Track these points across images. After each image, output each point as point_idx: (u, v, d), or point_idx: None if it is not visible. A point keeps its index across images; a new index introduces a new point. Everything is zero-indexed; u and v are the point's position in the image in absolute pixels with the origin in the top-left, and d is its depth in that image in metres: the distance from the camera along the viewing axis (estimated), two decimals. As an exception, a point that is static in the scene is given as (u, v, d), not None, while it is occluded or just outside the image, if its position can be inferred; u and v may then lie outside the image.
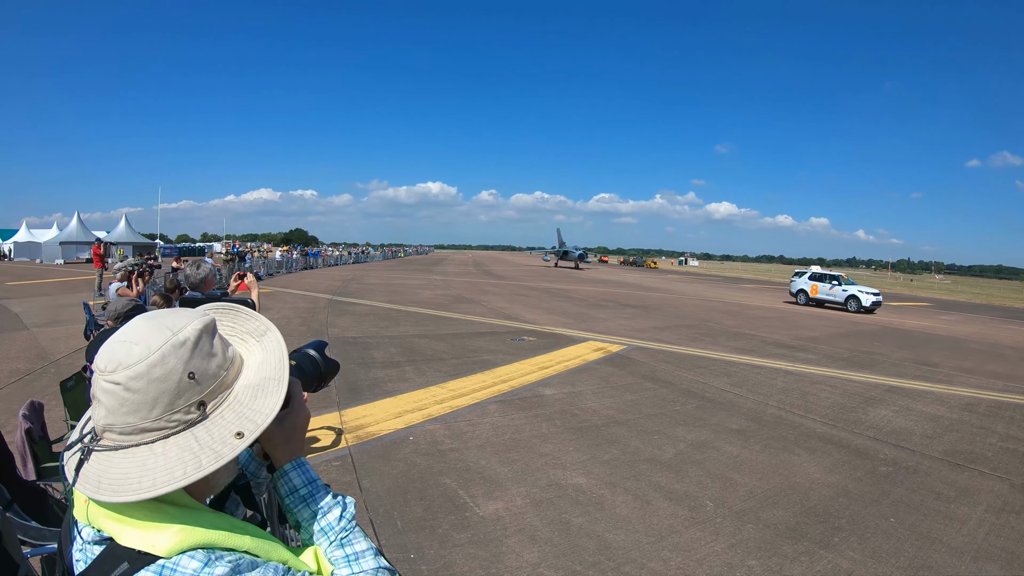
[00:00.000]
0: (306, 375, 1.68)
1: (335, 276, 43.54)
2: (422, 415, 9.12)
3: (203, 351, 1.24)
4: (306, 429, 1.57)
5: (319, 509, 1.45)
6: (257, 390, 1.33)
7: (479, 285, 39.63)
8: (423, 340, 15.73)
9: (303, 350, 1.75)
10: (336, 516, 1.44)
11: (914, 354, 19.82)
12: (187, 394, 1.20)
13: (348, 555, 1.40)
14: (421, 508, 6.05)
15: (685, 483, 7.22)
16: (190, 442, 1.19)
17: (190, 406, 1.21)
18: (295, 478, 1.47)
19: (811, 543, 5.91)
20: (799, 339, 21.36)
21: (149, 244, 67.28)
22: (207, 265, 5.88)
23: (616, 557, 5.35)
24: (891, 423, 10.59)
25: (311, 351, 1.75)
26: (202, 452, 1.18)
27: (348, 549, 1.41)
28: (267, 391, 1.34)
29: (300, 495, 1.46)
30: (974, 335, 28.24)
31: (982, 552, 6.02)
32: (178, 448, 1.18)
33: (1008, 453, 9.39)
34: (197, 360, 1.22)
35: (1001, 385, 15.41)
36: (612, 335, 18.86)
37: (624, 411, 10.12)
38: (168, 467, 1.15)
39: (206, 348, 1.25)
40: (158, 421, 1.18)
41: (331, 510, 1.45)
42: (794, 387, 13.05)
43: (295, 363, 1.66)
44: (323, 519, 1.44)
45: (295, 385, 1.55)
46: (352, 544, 1.42)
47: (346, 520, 1.45)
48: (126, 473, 1.14)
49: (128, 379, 1.15)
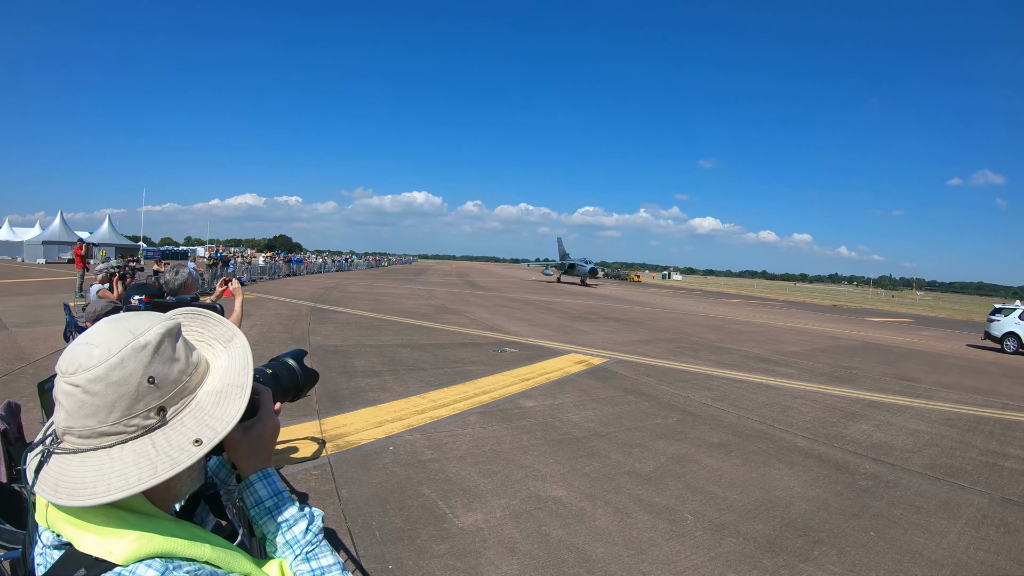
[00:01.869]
0: (282, 384, 1.67)
1: (318, 284, 43.36)
2: (402, 425, 9.08)
3: (164, 355, 1.23)
4: (275, 439, 1.55)
5: (284, 522, 1.43)
6: (220, 396, 1.32)
7: (462, 296, 39.58)
8: (405, 350, 15.67)
9: (281, 358, 1.75)
10: (302, 529, 1.43)
11: (894, 369, 19.98)
12: (146, 399, 1.19)
13: (313, 569, 1.39)
14: (400, 518, 6.01)
15: (665, 496, 7.21)
16: (147, 448, 1.18)
17: (149, 411, 1.20)
18: (260, 489, 1.45)
19: (791, 556, 5.91)
20: (780, 354, 21.46)
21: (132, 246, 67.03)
22: (187, 270, 5.83)
23: (596, 570, 5.33)
24: (871, 437, 10.64)
25: (289, 360, 1.74)
26: (159, 458, 1.17)
27: (314, 563, 1.40)
28: (230, 398, 1.32)
29: (265, 507, 1.44)
30: (954, 351, 28.50)
31: (962, 565, 6.05)
32: (135, 454, 1.17)
33: (987, 467, 9.47)
34: (158, 364, 1.21)
35: (981, 400, 15.58)
36: (594, 348, 18.88)
37: (605, 424, 10.11)
38: (123, 472, 1.14)
39: (168, 353, 1.24)
40: (116, 425, 1.17)
41: (297, 523, 1.43)
42: (775, 401, 13.09)
43: (271, 371, 1.66)
44: (288, 532, 1.42)
45: (264, 394, 1.54)
46: (318, 558, 1.41)
47: (312, 534, 1.43)
48: (82, 477, 1.13)
49: (87, 381, 1.14)
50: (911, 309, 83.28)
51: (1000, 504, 7.95)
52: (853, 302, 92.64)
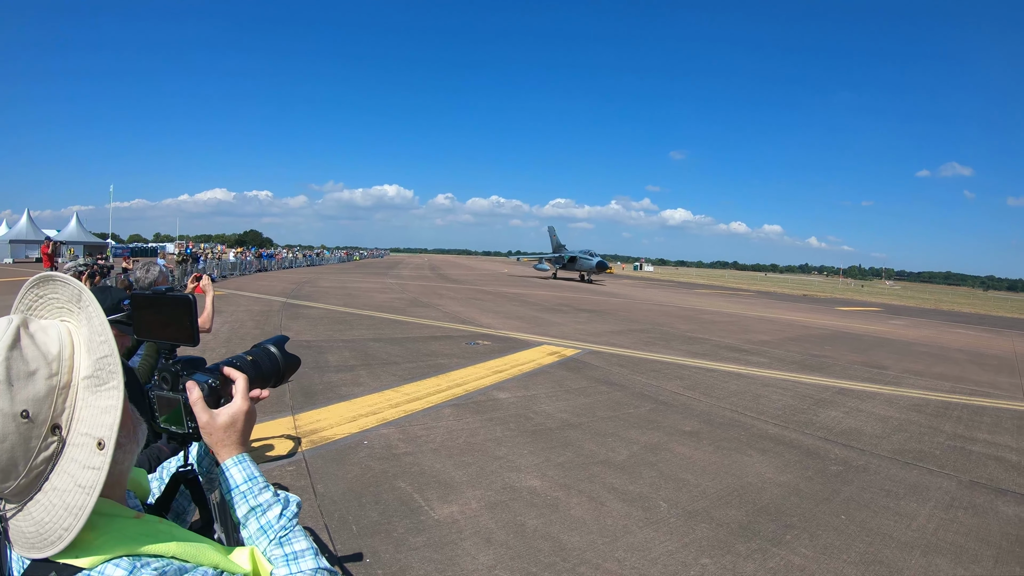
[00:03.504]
0: (263, 371, 1.69)
1: (289, 279, 43.04)
2: (376, 419, 9.07)
3: (20, 377, 1.12)
4: (251, 425, 1.56)
5: (258, 507, 1.44)
6: (96, 380, 1.20)
7: (434, 289, 39.51)
8: (378, 344, 15.64)
9: (263, 345, 1.77)
10: (276, 514, 1.44)
11: (864, 357, 20.23)
12: (33, 434, 1.11)
13: (287, 554, 1.40)
14: (376, 512, 6.02)
15: (639, 484, 7.27)
16: (64, 477, 1.14)
17: (45, 441, 1.13)
18: (236, 474, 1.47)
19: (763, 541, 6.00)
20: (751, 343, 21.66)
21: (100, 244, 66.07)
22: (158, 267, 5.77)
23: (571, 558, 5.38)
24: (841, 424, 10.79)
25: (270, 347, 1.77)
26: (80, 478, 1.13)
27: (287, 548, 1.41)
28: (104, 377, 1.21)
29: (240, 491, 1.45)
30: (923, 339, 28.90)
31: (932, 547, 6.18)
32: (58, 491, 1.13)
33: (956, 451, 9.65)
34: (22, 394, 1.11)
35: (948, 386, 15.83)
36: (567, 339, 18.95)
37: (578, 414, 10.17)
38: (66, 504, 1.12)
39: (21, 370, 1.12)
40: (29, 473, 1.12)
41: (271, 508, 1.45)
42: (746, 390, 13.23)
43: (251, 359, 1.68)
44: (262, 517, 1.43)
45: (240, 380, 1.57)
46: (292, 543, 1.42)
47: (286, 519, 1.45)
48: (39, 529, 1.12)
49: None
50: (880, 298, 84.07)
51: (968, 487, 8.10)
52: (823, 292, 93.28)
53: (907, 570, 5.67)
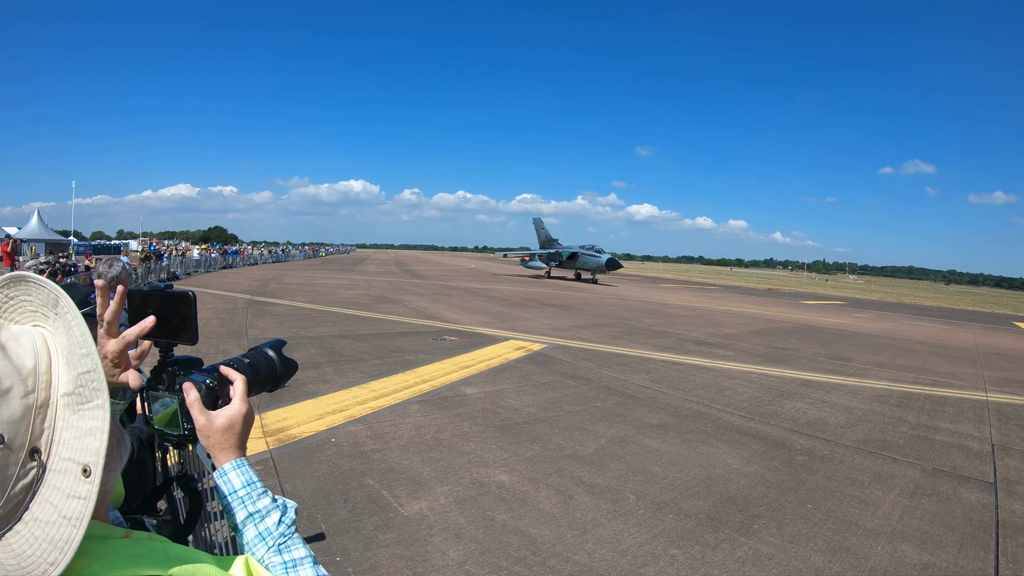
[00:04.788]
0: (260, 374, 1.66)
1: (254, 276, 42.58)
2: (344, 416, 9.01)
3: None
4: (248, 428, 1.53)
5: (257, 512, 1.41)
6: (77, 398, 1.07)
7: (401, 285, 39.32)
8: (344, 341, 15.53)
9: (260, 348, 1.74)
10: (275, 521, 1.41)
11: (828, 350, 20.56)
12: (10, 460, 0.99)
13: (286, 562, 1.37)
14: (345, 510, 5.98)
15: (607, 477, 7.31)
16: (47, 508, 1.01)
17: (23, 469, 1.00)
18: (234, 479, 1.43)
19: (731, 531, 6.07)
20: (717, 336, 21.87)
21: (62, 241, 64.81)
22: (120, 263, 5.68)
23: (541, 552, 5.39)
24: (806, 415, 10.94)
25: (268, 350, 1.74)
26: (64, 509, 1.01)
27: (286, 555, 1.38)
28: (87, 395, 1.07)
29: (238, 496, 1.42)
30: (886, 331, 29.43)
31: (897, 533, 6.32)
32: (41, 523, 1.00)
33: (919, 440, 9.85)
34: None
35: (911, 377, 16.17)
36: (533, 334, 18.98)
37: (545, 408, 10.20)
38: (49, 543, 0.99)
39: None
40: (6, 506, 0.99)
41: (270, 514, 1.41)
42: (712, 382, 13.36)
43: (248, 361, 1.65)
44: (261, 523, 1.40)
45: (239, 382, 1.53)
46: (290, 550, 1.39)
47: (285, 525, 1.42)
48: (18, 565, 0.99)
49: None
50: (844, 292, 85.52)
51: (931, 475, 8.26)
52: (788, 286, 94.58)
53: (873, 556, 5.77)
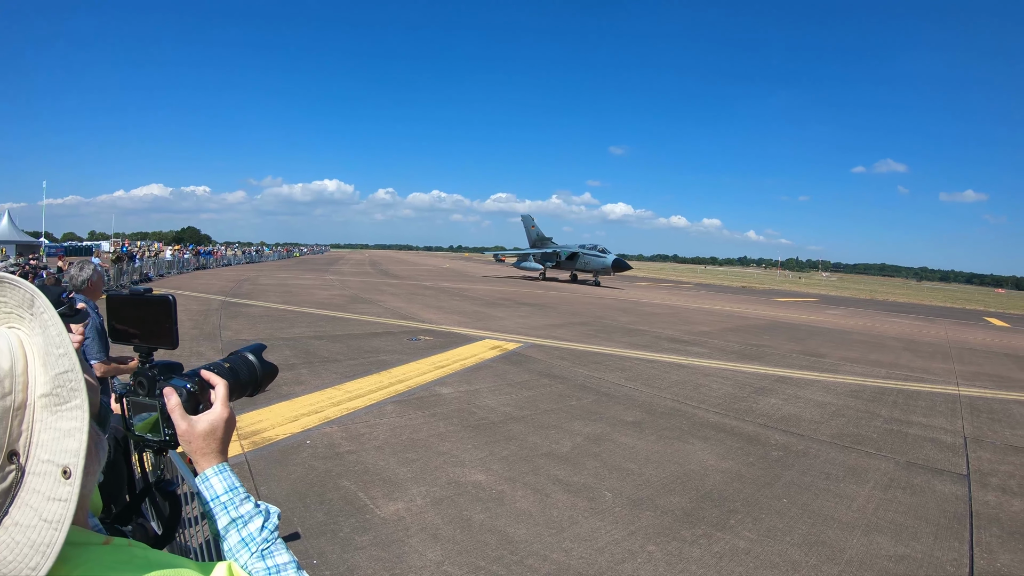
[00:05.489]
0: (240, 379, 1.65)
1: (228, 276, 42.18)
2: (319, 418, 8.96)
3: None
4: (230, 433, 1.52)
5: (239, 518, 1.40)
6: (55, 398, 1.04)
7: (375, 285, 39.15)
8: (319, 342, 15.45)
9: (240, 353, 1.73)
10: (258, 526, 1.40)
11: (802, 346, 20.76)
12: None
13: (269, 567, 1.36)
14: (321, 512, 5.95)
15: (583, 475, 7.33)
16: (27, 512, 0.98)
17: (2, 472, 0.98)
18: (216, 484, 1.42)
19: (708, 526, 6.12)
20: (691, 334, 22.00)
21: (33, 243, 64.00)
22: (92, 266, 5.59)
23: (519, 551, 5.40)
24: (781, 411, 11.04)
25: (248, 355, 1.73)
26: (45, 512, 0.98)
27: (269, 561, 1.37)
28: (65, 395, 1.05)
29: (220, 502, 1.41)
30: (859, 328, 29.73)
31: (872, 526, 6.41)
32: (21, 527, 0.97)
33: (892, 434, 9.98)
34: None
35: (884, 373, 16.37)
36: (508, 333, 18.99)
37: (521, 407, 10.22)
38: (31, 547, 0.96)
39: None
40: None
41: (252, 519, 1.40)
42: (687, 380, 13.44)
43: (228, 366, 1.64)
44: (244, 529, 1.39)
45: (220, 386, 1.52)
46: (273, 556, 1.38)
47: (268, 531, 1.41)
48: None
49: None
50: (817, 289, 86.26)
51: (905, 468, 8.38)
52: (762, 283, 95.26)
53: (849, 549, 5.84)
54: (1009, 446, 9.96)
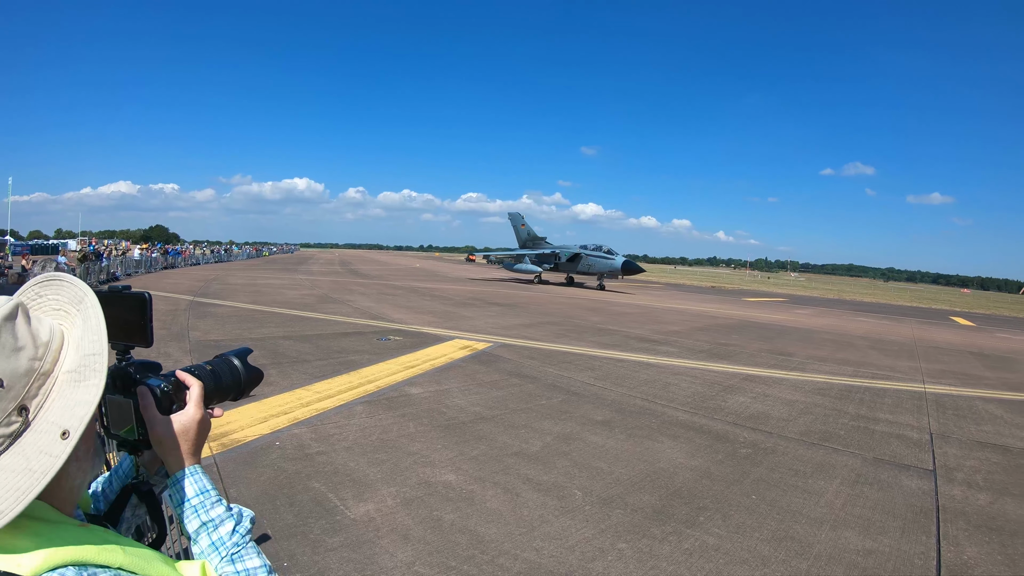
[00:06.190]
0: (222, 382, 1.65)
1: (197, 276, 41.69)
2: (288, 419, 8.90)
3: (5, 348, 1.11)
4: (204, 435, 1.52)
5: (210, 521, 1.40)
6: (77, 375, 1.19)
7: (345, 284, 38.90)
8: (288, 342, 15.34)
9: (225, 356, 1.73)
10: (228, 530, 1.40)
11: (770, 345, 21.00)
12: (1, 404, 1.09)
13: (239, 571, 1.36)
14: (291, 514, 5.92)
15: (553, 474, 7.36)
16: (17, 460, 1.09)
17: (8, 417, 1.10)
18: (187, 487, 1.43)
19: (678, 523, 6.18)
20: (661, 333, 22.17)
21: (-2, 241, 63.08)
22: (56, 264, 5.53)
23: (490, 550, 5.41)
24: (749, 409, 11.15)
25: (233, 358, 1.72)
26: (36, 461, 1.09)
27: (239, 565, 1.37)
28: (87, 374, 1.20)
29: (191, 505, 1.41)
30: (827, 327, 30.12)
31: (840, 521, 6.52)
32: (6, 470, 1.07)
33: (859, 431, 10.15)
34: (1, 362, 1.10)
35: (851, 371, 16.63)
36: (478, 333, 18.98)
37: (491, 407, 10.23)
38: (7, 490, 1.05)
39: (8, 343, 1.12)
40: None
41: (223, 523, 1.41)
42: (656, 379, 13.53)
43: (210, 368, 1.64)
44: (214, 532, 1.39)
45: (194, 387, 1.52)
46: (243, 560, 1.38)
47: (239, 535, 1.41)
48: None
49: None
50: (786, 289, 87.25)
51: (872, 464, 8.52)
52: (731, 283, 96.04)
53: (818, 544, 5.93)
54: (974, 442, 10.15)
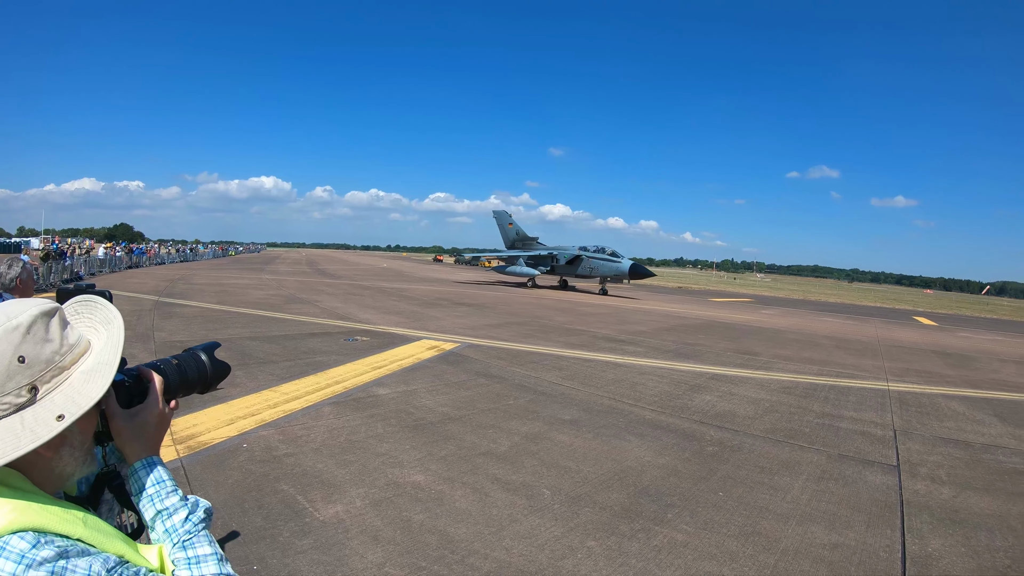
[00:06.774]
0: (188, 376, 1.68)
1: (162, 276, 41.13)
2: (255, 421, 8.84)
3: (36, 337, 1.29)
4: (162, 428, 1.57)
5: (165, 510, 1.45)
6: (89, 375, 1.36)
7: (312, 284, 38.63)
8: (254, 342, 15.20)
9: (192, 351, 1.75)
10: (181, 518, 1.45)
11: (736, 345, 21.27)
12: (17, 377, 1.24)
13: (189, 557, 1.41)
14: (260, 517, 5.89)
15: (522, 474, 7.41)
16: (15, 424, 1.22)
17: (20, 389, 1.25)
18: (144, 476, 1.47)
19: (646, 521, 6.26)
20: (627, 333, 22.32)
21: (-41, 240, 61.80)
22: (21, 263, 5.44)
23: (459, 550, 5.44)
24: (715, 407, 11.29)
25: (200, 353, 1.75)
26: (23, 432, 1.22)
27: (190, 552, 1.41)
28: (97, 374, 1.36)
29: (147, 494, 1.46)
30: (792, 327, 30.57)
31: (807, 516, 6.65)
32: (3, 429, 1.21)
33: (824, 428, 10.35)
34: (29, 345, 1.27)
35: (816, 370, 16.90)
36: (446, 333, 18.96)
37: (458, 407, 10.24)
38: None
39: (40, 334, 1.29)
40: None
41: (177, 511, 1.45)
42: (624, 378, 13.65)
43: (176, 362, 1.68)
44: (168, 520, 1.44)
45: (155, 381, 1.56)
46: (195, 547, 1.42)
47: (192, 523, 1.45)
48: None
49: None
50: (752, 290, 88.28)
51: (837, 460, 8.69)
52: (697, 284, 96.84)
53: (784, 539, 6.04)
54: (937, 437, 10.39)
